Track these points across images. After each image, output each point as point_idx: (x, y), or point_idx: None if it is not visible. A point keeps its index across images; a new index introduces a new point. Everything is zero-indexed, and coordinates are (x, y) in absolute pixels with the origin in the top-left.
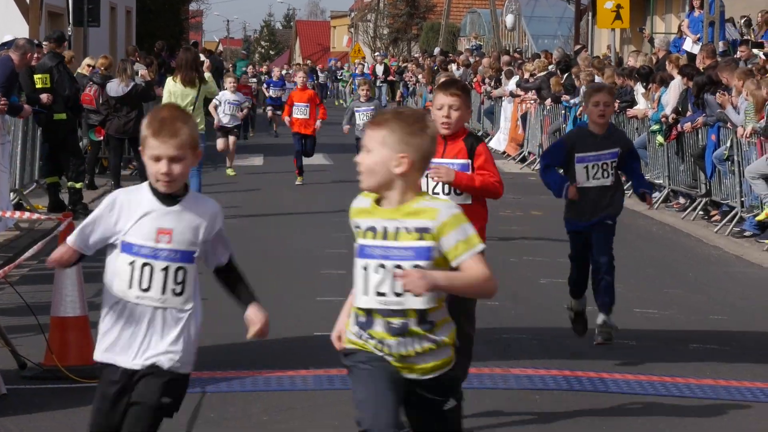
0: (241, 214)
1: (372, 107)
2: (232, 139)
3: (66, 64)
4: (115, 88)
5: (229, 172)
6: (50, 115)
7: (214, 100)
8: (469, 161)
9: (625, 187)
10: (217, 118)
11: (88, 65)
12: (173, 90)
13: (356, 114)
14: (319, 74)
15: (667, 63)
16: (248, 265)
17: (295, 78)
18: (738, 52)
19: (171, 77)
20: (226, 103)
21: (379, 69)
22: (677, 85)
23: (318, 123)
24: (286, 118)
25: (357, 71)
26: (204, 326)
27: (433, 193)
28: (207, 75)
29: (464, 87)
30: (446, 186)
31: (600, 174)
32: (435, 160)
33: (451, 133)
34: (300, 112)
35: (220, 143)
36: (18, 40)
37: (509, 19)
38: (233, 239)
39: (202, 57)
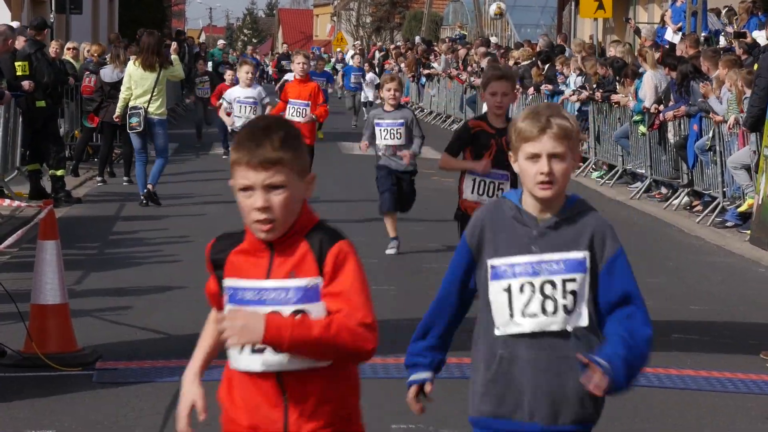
0: (223, 200)
1: (401, 121)
2: None
3: (45, 51)
4: (109, 74)
5: None
6: (32, 102)
7: (223, 103)
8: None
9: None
10: (230, 122)
11: (68, 48)
12: (132, 72)
13: (378, 130)
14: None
15: (638, 57)
16: None
17: (293, 65)
18: (720, 42)
19: (132, 60)
20: (236, 103)
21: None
22: (650, 77)
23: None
24: None
25: (352, 63)
26: (183, 314)
27: None
28: (174, 57)
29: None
30: None
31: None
32: None
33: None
34: (297, 113)
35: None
36: None
37: (492, 8)
38: (215, 226)
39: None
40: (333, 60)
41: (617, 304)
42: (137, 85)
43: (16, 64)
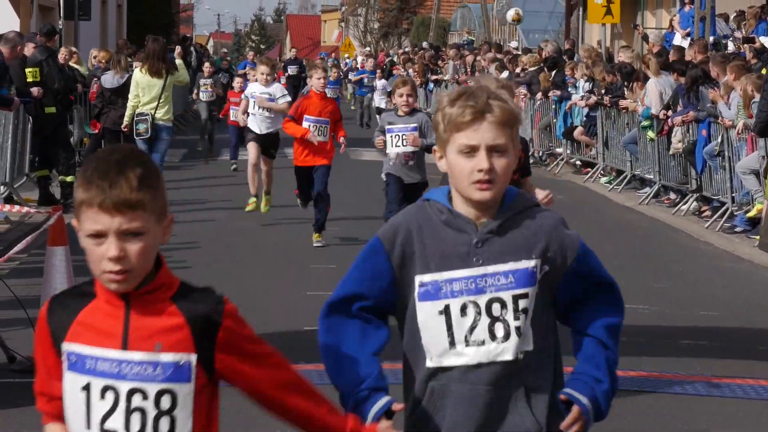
0: (231, 207)
1: (414, 125)
2: (265, 167)
3: (56, 57)
4: (110, 80)
5: (263, 207)
6: (41, 108)
7: (245, 100)
8: None
9: None
10: (242, 119)
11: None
12: (139, 79)
13: (389, 136)
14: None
15: (641, 65)
16: (238, 258)
17: (311, 79)
18: (729, 47)
19: (138, 67)
20: (252, 99)
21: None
22: (654, 84)
23: (342, 144)
24: (311, 138)
25: (364, 67)
26: None
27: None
28: (178, 62)
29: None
30: None
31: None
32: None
33: None
34: (317, 131)
35: (252, 154)
36: (8, 33)
37: (510, 14)
38: (223, 232)
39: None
40: (345, 67)
41: (589, 295)
42: (144, 93)
43: (27, 70)
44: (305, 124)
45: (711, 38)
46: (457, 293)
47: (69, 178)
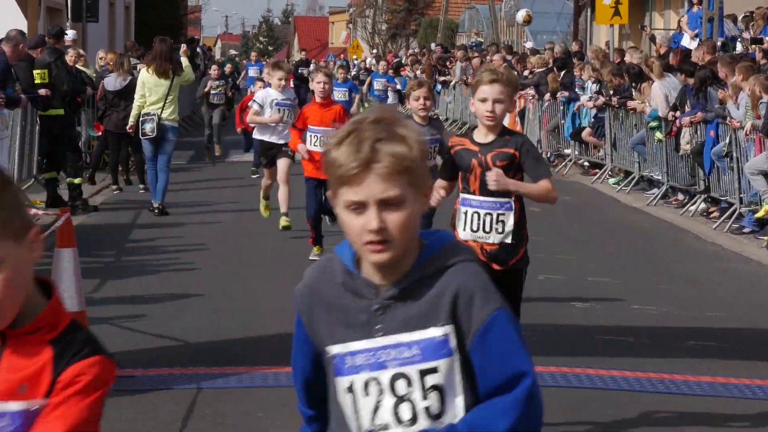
0: (239, 209)
1: (437, 136)
2: (283, 165)
3: (65, 60)
4: (113, 82)
5: (283, 222)
6: (45, 108)
7: (254, 105)
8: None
9: None
10: (272, 119)
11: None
12: (146, 80)
13: None
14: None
15: (644, 68)
16: (245, 259)
17: (313, 84)
18: (737, 48)
19: (145, 68)
20: (274, 106)
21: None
22: (657, 87)
23: None
24: (300, 151)
25: (377, 68)
26: (200, 322)
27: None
28: (183, 60)
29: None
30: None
31: None
32: None
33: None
34: (320, 142)
35: (283, 170)
36: (9, 31)
37: (520, 15)
38: (230, 234)
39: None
40: (355, 69)
41: (499, 391)
42: (151, 93)
43: (35, 72)
44: (308, 136)
45: (719, 39)
46: (359, 368)
47: (77, 180)
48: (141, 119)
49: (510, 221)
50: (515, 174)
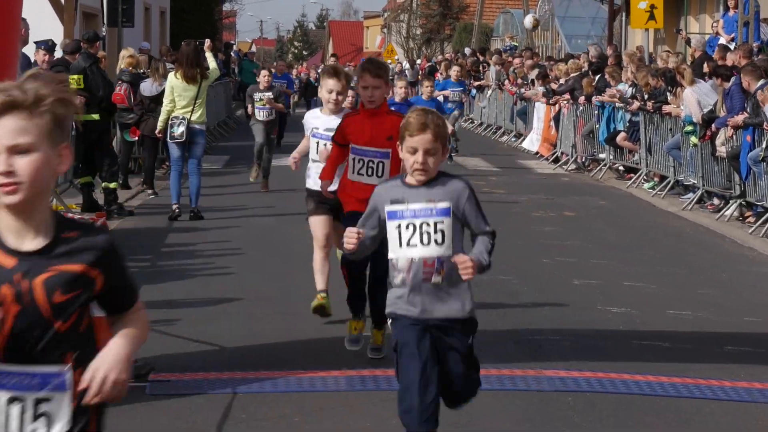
0: (275, 213)
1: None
2: (319, 224)
3: (100, 65)
4: (149, 87)
5: (319, 300)
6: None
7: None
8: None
9: None
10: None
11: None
12: (175, 85)
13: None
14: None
15: (677, 75)
16: (281, 265)
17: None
18: None
19: (173, 72)
20: (313, 138)
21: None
22: (689, 94)
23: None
24: (324, 188)
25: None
26: (235, 326)
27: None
28: (208, 55)
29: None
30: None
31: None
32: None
33: None
34: (366, 170)
35: (320, 230)
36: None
37: (528, 21)
38: (266, 238)
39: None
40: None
41: None
42: (181, 98)
43: (71, 77)
44: (351, 160)
45: (755, 43)
46: None
47: (112, 185)
48: (170, 123)
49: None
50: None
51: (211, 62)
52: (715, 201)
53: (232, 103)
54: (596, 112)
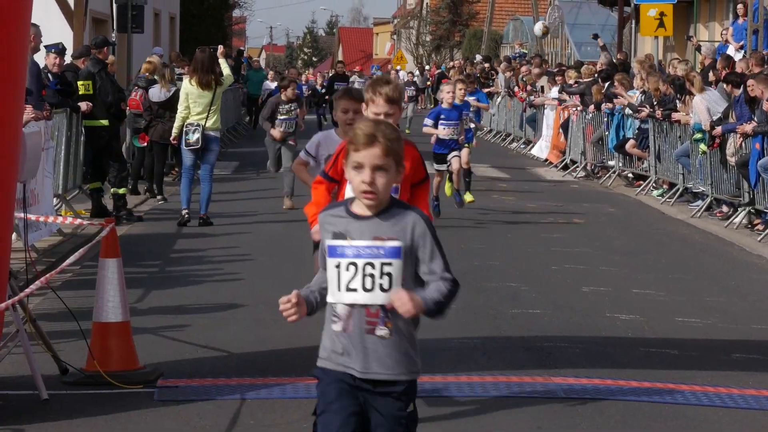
0: (284, 219)
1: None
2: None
3: (108, 70)
4: (157, 93)
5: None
6: (88, 117)
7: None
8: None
9: None
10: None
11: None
12: (189, 91)
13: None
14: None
15: (686, 83)
16: (290, 271)
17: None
18: None
19: (187, 78)
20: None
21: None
22: (699, 101)
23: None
24: (314, 235)
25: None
26: (244, 332)
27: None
28: (221, 61)
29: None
30: None
31: None
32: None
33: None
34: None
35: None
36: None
37: (537, 28)
38: (275, 244)
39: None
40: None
41: None
42: (196, 104)
43: (80, 83)
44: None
45: (764, 51)
46: None
47: (121, 191)
48: (185, 129)
49: None
50: None
51: (225, 68)
52: (724, 208)
53: (242, 110)
54: (605, 119)
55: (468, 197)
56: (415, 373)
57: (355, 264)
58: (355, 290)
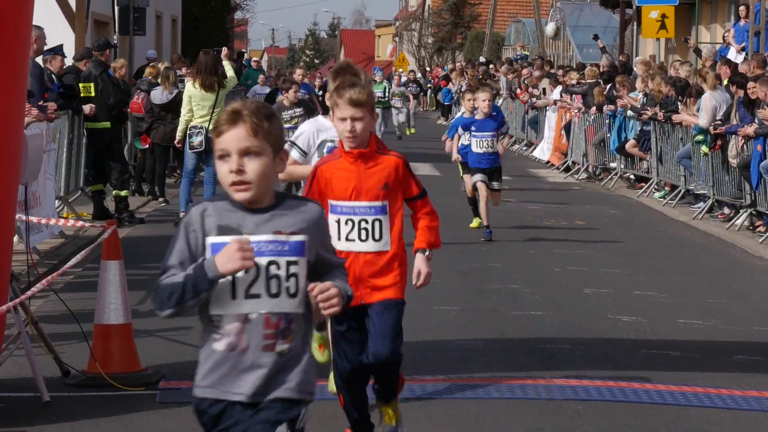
0: None
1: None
2: None
3: (111, 71)
4: (159, 95)
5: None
6: (87, 120)
7: (293, 151)
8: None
9: None
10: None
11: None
12: (193, 94)
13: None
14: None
15: (697, 77)
16: None
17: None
18: None
19: (191, 81)
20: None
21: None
22: (708, 98)
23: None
24: None
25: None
26: None
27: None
28: (225, 63)
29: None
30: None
31: None
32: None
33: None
34: (357, 233)
35: None
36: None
37: (549, 28)
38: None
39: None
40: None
41: None
42: (199, 107)
43: (81, 85)
44: (334, 222)
45: (766, 53)
46: None
47: (123, 193)
48: (189, 132)
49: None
50: None
51: (229, 70)
52: (726, 210)
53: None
54: (607, 121)
55: (475, 221)
56: (311, 395)
57: (256, 264)
58: (257, 296)
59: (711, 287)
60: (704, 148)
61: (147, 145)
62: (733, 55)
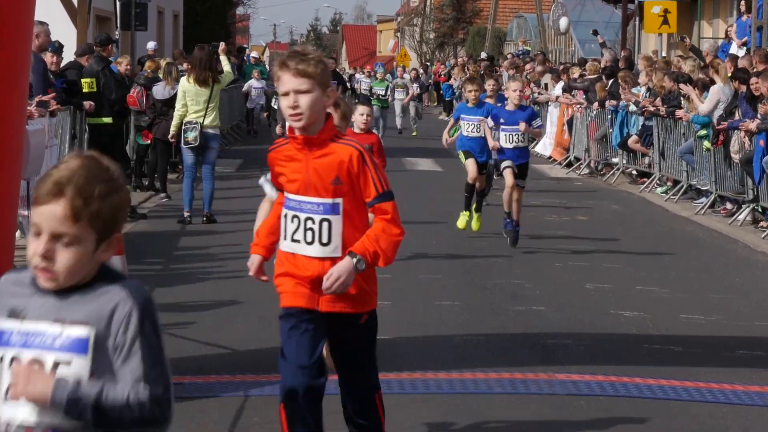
0: None
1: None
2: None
3: (113, 67)
4: (161, 91)
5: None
6: (89, 116)
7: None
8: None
9: None
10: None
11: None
12: (187, 89)
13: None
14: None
15: (709, 68)
16: None
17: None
18: None
19: (185, 76)
20: None
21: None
22: (718, 90)
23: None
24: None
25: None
26: (248, 329)
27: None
28: (222, 58)
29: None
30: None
31: None
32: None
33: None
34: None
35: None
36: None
37: (563, 23)
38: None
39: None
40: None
41: None
42: (193, 102)
43: (83, 81)
44: (282, 217)
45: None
46: None
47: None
48: (183, 128)
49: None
50: None
51: (225, 65)
52: (728, 205)
53: (245, 107)
54: (609, 116)
55: (475, 223)
56: None
57: (19, 358)
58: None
59: (713, 282)
60: (707, 144)
61: (149, 141)
62: (734, 50)
